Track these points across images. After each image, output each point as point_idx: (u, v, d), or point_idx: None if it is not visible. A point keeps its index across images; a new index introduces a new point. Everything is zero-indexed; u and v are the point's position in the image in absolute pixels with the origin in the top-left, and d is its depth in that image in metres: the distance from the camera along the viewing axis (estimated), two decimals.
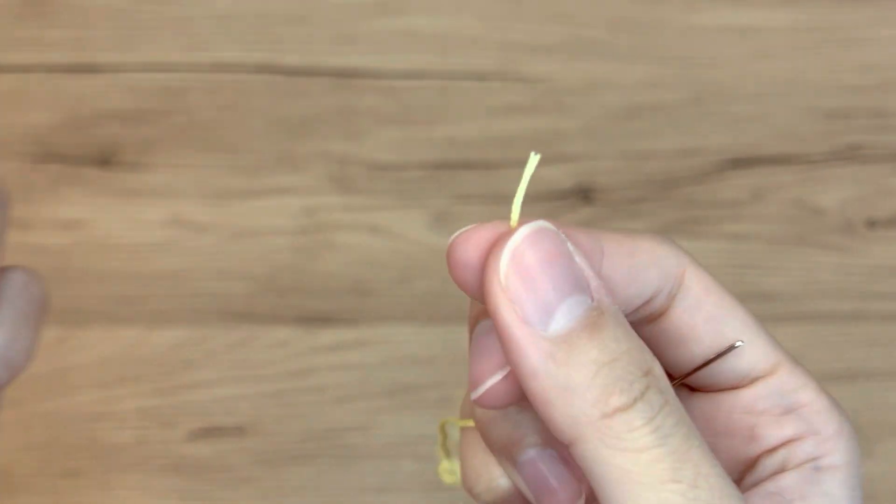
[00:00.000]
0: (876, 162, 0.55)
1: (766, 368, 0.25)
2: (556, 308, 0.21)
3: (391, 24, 0.55)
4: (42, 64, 0.54)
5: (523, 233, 0.22)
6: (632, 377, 0.21)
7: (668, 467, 0.20)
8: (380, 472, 0.48)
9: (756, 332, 0.25)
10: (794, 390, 0.25)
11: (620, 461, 0.20)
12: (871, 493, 0.49)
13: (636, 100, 0.55)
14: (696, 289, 0.25)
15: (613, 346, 0.21)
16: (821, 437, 0.25)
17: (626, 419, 0.21)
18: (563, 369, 0.21)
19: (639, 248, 0.25)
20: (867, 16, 0.57)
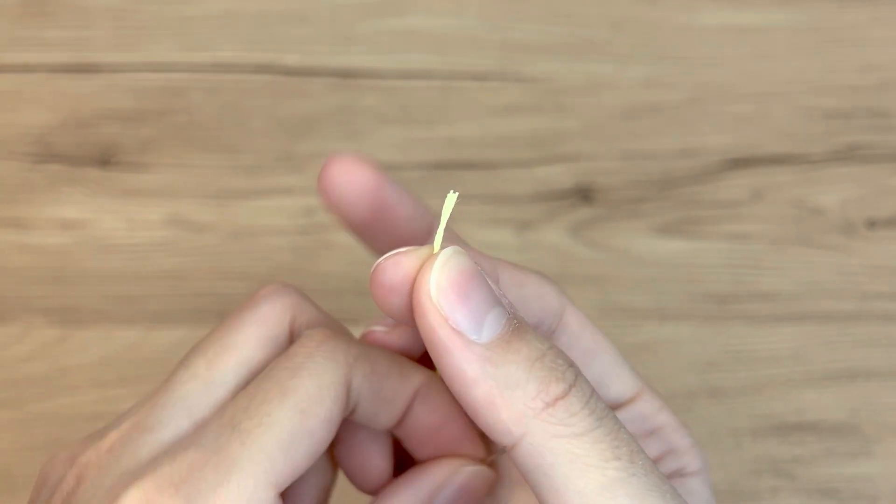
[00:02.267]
0: (876, 162, 0.55)
1: (630, 396, 0.29)
2: (485, 318, 0.23)
3: (391, 24, 0.55)
4: (42, 64, 0.54)
5: (447, 255, 0.24)
6: (563, 367, 0.23)
7: (608, 446, 0.22)
8: None
9: (622, 364, 0.29)
10: (653, 414, 0.29)
11: (568, 446, 0.22)
12: (871, 493, 0.49)
13: (636, 100, 0.55)
14: (573, 326, 0.29)
15: (538, 345, 0.23)
16: (679, 453, 0.29)
17: (566, 405, 0.22)
18: (502, 369, 0.23)
19: (527, 281, 0.28)
20: (867, 16, 0.57)
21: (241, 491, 0.24)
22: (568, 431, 0.22)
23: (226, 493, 0.24)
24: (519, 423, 0.22)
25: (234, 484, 0.24)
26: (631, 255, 0.52)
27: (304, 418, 0.25)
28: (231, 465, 0.24)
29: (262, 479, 0.24)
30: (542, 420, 0.22)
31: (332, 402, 0.26)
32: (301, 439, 0.25)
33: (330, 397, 0.26)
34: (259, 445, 0.25)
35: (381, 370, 0.28)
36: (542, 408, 0.22)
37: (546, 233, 0.53)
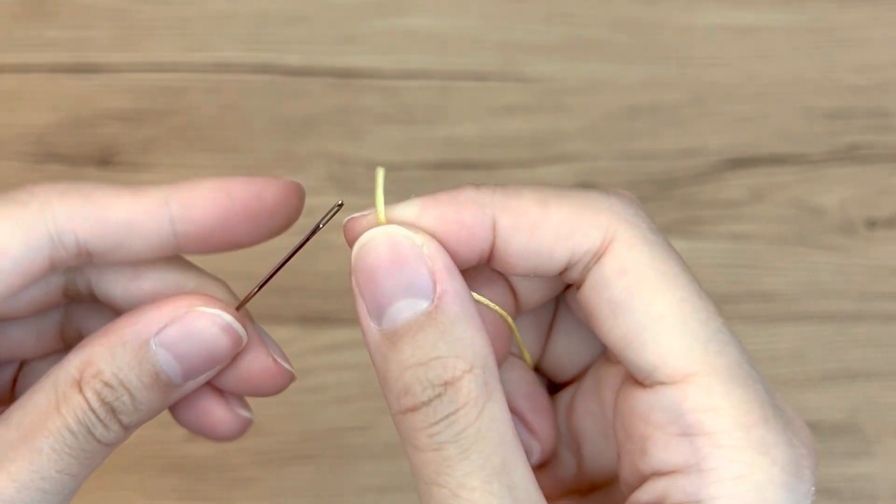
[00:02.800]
0: (876, 162, 0.55)
1: (672, 375, 0.23)
2: (386, 309, 0.23)
3: (391, 24, 0.55)
4: (42, 64, 0.54)
5: (364, 240, 0.24)
6: (426, 384, 0.22)
7: (434, 471, 0.22)
8: (380, 472, 0.48)
9: (673, 331, 0.23)
10: (698, 411, 0.22)
11: (410, 455, 0.23)
12: (871, 493, 0.49)
13: (636, 100, 0.55)
14: (609, 268, 0.23)
15: (426, 351, 0.23)
16: (708, 479, 0.22)
17: (412, 419, 0.23)
18: (384, 363, 0.23)
19: (547, 220, 0.24)
20: (867, 16, 0.57)
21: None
22: (409, 441, 0.23)
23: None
24: (391, 411, 0.24)
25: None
26: None
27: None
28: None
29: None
30: (396, 421, 0.23)
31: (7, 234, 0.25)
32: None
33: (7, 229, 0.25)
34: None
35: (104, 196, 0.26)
36: (397, 411, 0.23)
37: None
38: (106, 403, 0.25)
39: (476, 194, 0.24)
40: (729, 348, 0.23)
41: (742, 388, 0.22)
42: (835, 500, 0.49)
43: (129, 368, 0.25)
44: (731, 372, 0.22)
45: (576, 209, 0.24)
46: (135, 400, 0.25)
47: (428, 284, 0.23)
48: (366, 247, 0.24)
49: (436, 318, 0.23)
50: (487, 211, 0.24)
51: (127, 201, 0.26)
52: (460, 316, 0.23)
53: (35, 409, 0.25)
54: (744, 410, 0.22)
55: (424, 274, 0.23)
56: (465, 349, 0.23)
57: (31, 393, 0.25)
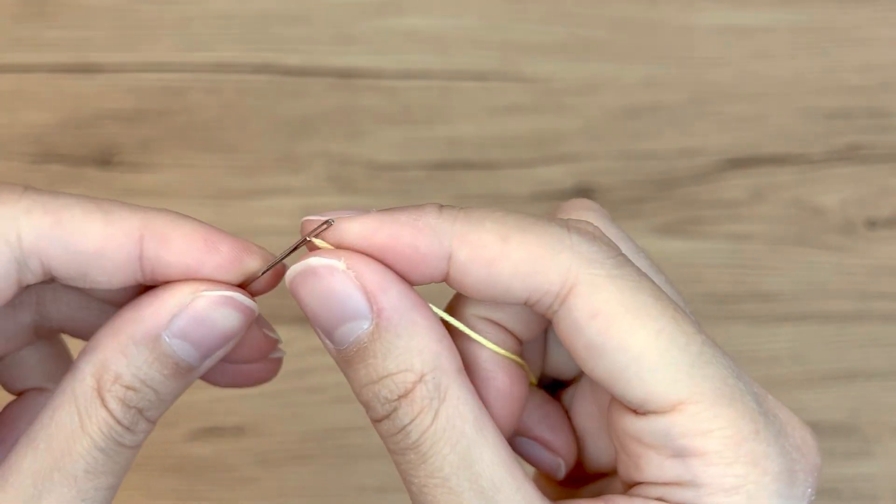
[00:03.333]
0: (876, 162, 0.55)
1: (661, 406, 0.23)
2: (333, 333, 0.24)
3: (391, 24, 0.55)
4: (42, 64, 0.54)
5: (291, 275, 0.24)
6: (382, 400, 0.24)
7: (404, 471, 0.24)
8: (380, 472, 0.48)
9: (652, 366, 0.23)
10: (688, 435, 0.23)
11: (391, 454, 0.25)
12: (871, 493, 0.49)
13: (636, 100, 0.55)
14: (579, 312, 0.23)
15: (376, 370, 0.24)
16: (704, 492, 0.23)
17: (379, 429, 0.24)
18: (347, 379, 0.25)
19: (506, 257, 0.23)
20: (867, 16, 0.57)
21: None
22: (388, 444, 0.25)
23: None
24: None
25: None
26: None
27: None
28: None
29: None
30: (376, 429, 0.25)
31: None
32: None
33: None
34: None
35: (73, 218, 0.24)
36: (371, 420, 0.25)
37: None
38: (131, 407, 0.24)
39: (437, 221, 0.24)
40: (712, 368, 0.23)
41: (730, 407, 0.23)
42: (835, 500, 0.49)
43: (147, 365, 0.24)
44: (717, 393, 0.23)
45: (535, 249, 0.23)
46: (159, 394, 0.25)
47: (362, 306, 0.24)
48: (294, 281, 0.24)
49: (378, 335, 0.24)
50: (444, 241, 0.24)
51: (97, 229, 0.24)
52: (403, 328, 0.23)
53: (60, 429, 0.24)
54: (734, 429, 0.23)
55: (356, 297, 0.24)
56: (412, 359, 0.23)
57: (52, 410, 0.24)
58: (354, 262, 0.24)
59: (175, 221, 0.25)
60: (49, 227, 0.24)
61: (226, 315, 0.25)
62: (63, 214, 0.24)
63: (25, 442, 0.24)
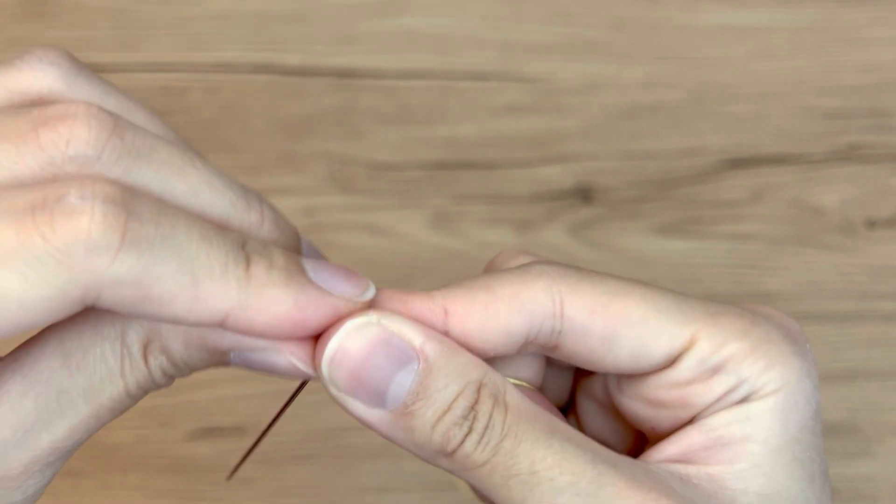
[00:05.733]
0: (876, 162, 0.55)
1: (682, 345, 0.26)
2: (387, 391, 0.24)
3: (391, 24, 0.55)
4: None
5: (333, 345, 0.24)
6: (460, 421, 0.24)
7: (503, 469, 0.24)
8: (380, 472, 0.48)
9: (658, 320, 0.26)
10: (715, 351, 0.26)
11: (476, 478, 0.25)
12: (871, 493, 0.49)
13: (636, 100, 0.55)
14: (579, 317, 0.26)
15: (442, 400, 0.24)
16: (751, 380, 0.26)
17: (462, 452, 0.24)
18: (409, 434, 0.25)
19: (496, 299, 0.25)
20: (867, 16, 0.57)
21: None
22: (469, 467, 0.25)
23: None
24: (436, 463, 0.25)
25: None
26: (631, 255, 0.52)
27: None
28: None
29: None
30: (447, 463, 0.25)
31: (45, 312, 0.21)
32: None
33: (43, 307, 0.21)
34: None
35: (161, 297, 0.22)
36: (446, 457, 0.25)
37: (546, 233, 0.53)
38: (168, 375, 0.25)
39: (426, 293, 0.26)
40: (693, 303, 0.27)
41: (724, 317, 0.26)
42: (835, 500, 0.49)
43: (196, 350, 0.25)
44: (709, 316, 0.26)
45: (517, 283, 0.26)
46: (194, 369, 0.26)
47: (406, 347, 0.25)
48: (339, 353, 0.24)
49: (430, 368, 0.24)
50: (436, 300, 0.26)
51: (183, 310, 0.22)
52: (447, 352, 0.25)
53: (98, 362, 0.24)
54: (738, 330, 0.26)
55: (398, 341, 0.25)
56: (467, 373, 0.25)
57: (98, 338, 0.24)
58: (379, 314, 0.25)
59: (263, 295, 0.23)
60: (132, 302, 0.22)
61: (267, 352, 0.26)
62: (153, 291, 0.22)
63: (56, 343, 0.24)
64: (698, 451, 0.26)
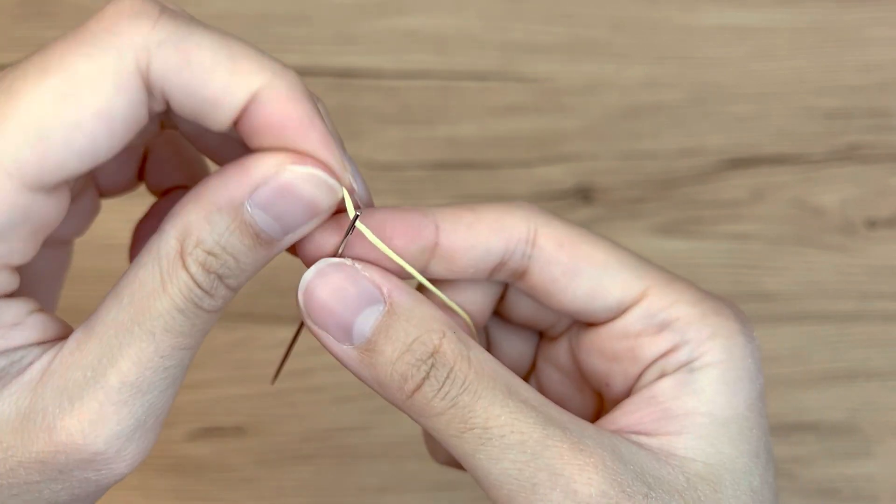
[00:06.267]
0: (876, 162, 0.55)
1: (635, 296, 0.29)
2: (352, 324, 0.26)
3: (391, 24, 0.55)
4: None
5: (308, 276, 0.26)
6: (419, 363, 0.26)
7: (460, 421, 0.25)
8: (380, 472, 0.48)
9: (617, 269, 0.29)
10: (664, 308, 0.28)
11: (431, 424, 0.26)
12: (871, 493, 0.49)
13: (636, 100, 0.55)
14: (548, 247, 0.28)
15: (403, 340, 0.26)
16: (694, 344, 0.28)
17: (421, 395, 0.26)
18: (372, 371, 0.26)
19: (479, 221, 0.28)
20: (867, 16, 0.57)
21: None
22: (427, 413, 0.26)
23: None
24: (398, 405, 0.26)
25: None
26: None
27: (65, 104, 0.23)
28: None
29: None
30: (407, 407, 0.26)
31: (111, 90, 0.23)
32: (59, 129, 0.23)
33: (109, 84, 0.23)
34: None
35: (202, 63, 0.24)
36: (404, 399, 0.26)
37: None
38: (211, 272, 0.25)
39: (421, 210, 0.28)
40: (651, 265, 0.29)
41: (678, 283, 0.29)
42: (834, 500, 0.49)
43: (229, 233, 0.25)
44: (664, 277, 0.29)
45: (499, 210, 0.29)
46: (239, 262, 0.26)
47: (374, 290, 0.26)
48: (310, 287, 0.26)
49: (395, 311, 0.26)
50: (430, 216, 0.28)
51: (220, 80, 0.24)
52: (413, 302, 0.26)
53: (143, 287, 0.25)
54: (690, 295, 0.29)
55: (368, 283, 0.26)
56: (431, 323, 0.26)
57: (136, 268, 0.25)
58: (356, 263, 0.27)
59: (291, 90, 0.26)
60: (177, 67, 0.24)
61: (309, 192, 0.26)
62: (193, 56, 0.24)
63: (111, 295, 0.26)
64: (649, 423, 0.27)
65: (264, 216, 0.25)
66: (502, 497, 0.26)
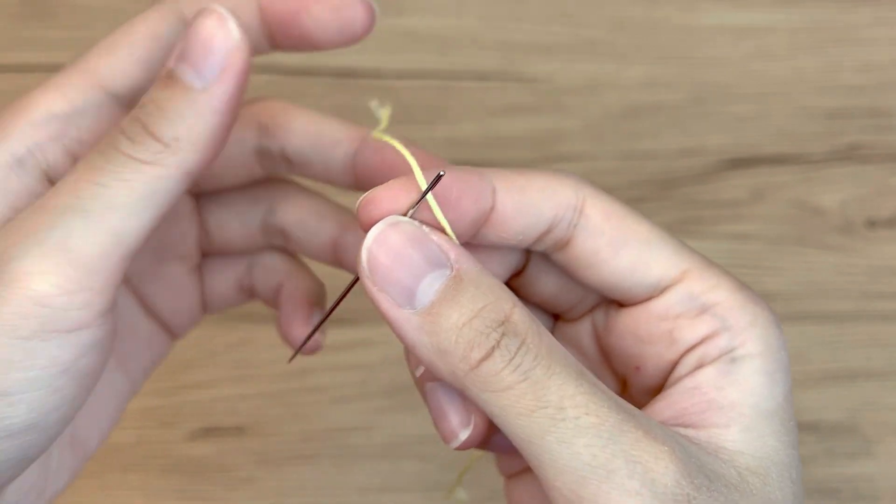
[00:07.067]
0: (876, 162, 0.55)
1: (675, 276, 0.28)
2: (417, 287, 0.25)
3: (391, 24, 0.55)
4: (42, 64, 0.54)
5: (374, 233, 0.26)
6: (488, 330, 0.25)
7: (532, 397, 0.24)
8: (380, 472, 0.48)
9: (659, 246, 0.28)
10: (705, 292, 0.28)
11: (496, 400, 0.24)
12: (871, 493, 0.49)
13: (636, 100, 0.55)
14: (595, 217, 0.28)
15: (471, 307, 0.25)
16: (735, 331, 0.27)
17: (489, 366, 0.24)
18: (434, 338, 0.25)
19: (531, 185, 0.28)
20: (867, 16, 0.57)
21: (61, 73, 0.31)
22: (493, 387, 0.24)
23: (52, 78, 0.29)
24: (454, 380, 0.25)
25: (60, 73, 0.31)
26: None
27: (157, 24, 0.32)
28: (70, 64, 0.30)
29: (84, 69, 0.31)
30: (469, 379, 0.25)
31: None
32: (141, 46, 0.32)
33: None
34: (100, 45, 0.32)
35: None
36: (468, 370, 0.25)
37: None
38: (137, 120, 0.27)
39: (479, 171, 0.28)
40: (690, 248, 0.29)
41: (716, 268, 0.29)
42: (835, 500, 0.49)
43: (155, 88, 0.27)
44: (702, 261, 0.29)
45: (549, 176, 0.28)
46: (161, 109, 0.27)
47: (441, 255, 0.25)
48: (375, 242, 0.26)
49: (462, 278, 0.25)
50: (487, 178, 0.27)
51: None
52: (480, 271, 0.26)
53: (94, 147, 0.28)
54: (730, 281, 0.28)
55: (435, 247, 0.25)
56: (500, 291, 0.25)
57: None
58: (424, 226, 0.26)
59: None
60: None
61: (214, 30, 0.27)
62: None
63: None
64: (694, 414, 0.27)
65: (183, 65, 0.27)
66: (570, 483, 0.24)
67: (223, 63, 0.27)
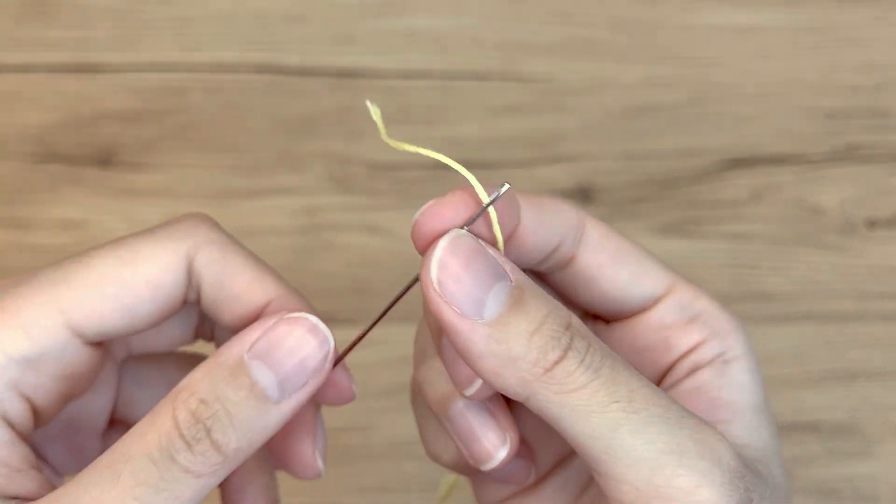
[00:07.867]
0: (876, 162, 0.55)
1: (665, 289, 0.30)
2: (486, 298, 0.25)
3: (391, 24, 0.55)
4: (42, 64, 0.54)
5: (443, 244, 0.26)
6: (558, 334, 0.25)
7: (605, 393, 0.25)
8: (380, 472, 0.48)
9: (650, 263, 0.30)
10: (691, 302, 0.30)
11: (569, 400, 0.25)
12: (871, 494, 0.49)
13: (636, 100, 0.55)
14: (595, 235, 0.30)
15: (536, 314, 0.25)
16: (722, 336, 0.30)
17: (563, 367, 0.25)
18: (504, 346, 0.25)
19: (543, 203, 0.29)
20: (867, 16, 0.57)
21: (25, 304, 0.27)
22: (567, 388, 0.25)
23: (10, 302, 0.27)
24: (524, 387, 0.25)
25: (20, 299, 0.27)
26: None
27: (122, 267, 0.27)
28: (25, 287, 0.27)
29: (52, 307, 0.27)
30: (542, 383, 0.25)
31: (163, 266, 0.28)
32: (112, 287, 0.27)
33: (162, 260, 0.28)
34: (59, 276, 0.27)
35: (234, 264, 0.29)
36: (542, 373, 0.25)
37: None
38: (199, 421, 0.25)
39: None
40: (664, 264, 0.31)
41: (693, 283, 0.31)
42: (834, 500, 0.49)
43: (224, 383, 0.25)
44: (680, 276, 0.31)
45: (554, 198, 0.30)
46: (231, 415, 0.25)
47: (501, 267, 0.26)
48: (445, 252, 0.26)
49: (522, 289, 0.26)
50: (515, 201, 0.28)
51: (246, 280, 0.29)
52: (532, 282, 0.26)
53: (131, 433, 0.25)
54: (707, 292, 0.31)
55: (491, 258, 0.26)
56: (554, 300, 0.26)
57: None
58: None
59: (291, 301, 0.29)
60: (214, 262, 0.29)
61: (302, 337, 0.27)
62: (230, 257, 0.29)
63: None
64: (700, 413, 0.27)
65: (261, 366, 0.26)
66: (644, 471, 0.25)
67: (308, 379, 0.26)
